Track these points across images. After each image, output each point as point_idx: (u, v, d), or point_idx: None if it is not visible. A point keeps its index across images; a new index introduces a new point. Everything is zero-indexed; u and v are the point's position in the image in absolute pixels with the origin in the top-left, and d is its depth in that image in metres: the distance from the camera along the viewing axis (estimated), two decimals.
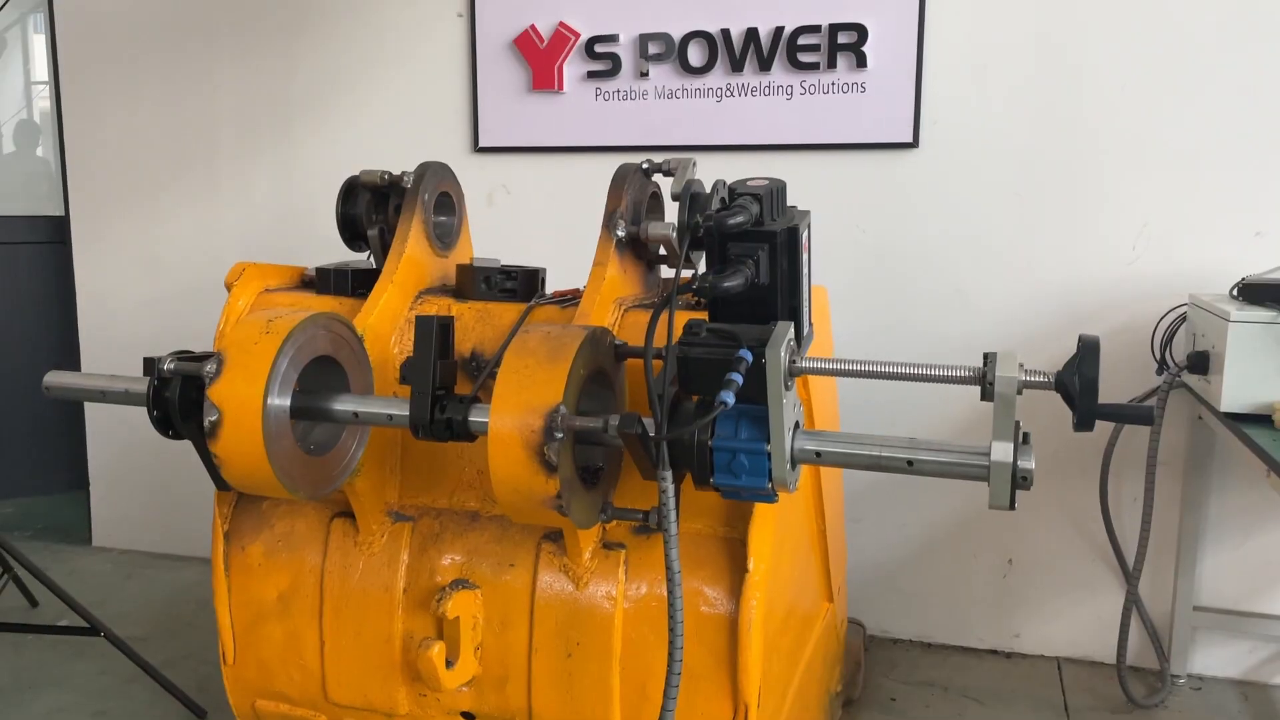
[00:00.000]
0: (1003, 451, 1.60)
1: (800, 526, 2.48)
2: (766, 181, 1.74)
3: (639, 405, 2.05)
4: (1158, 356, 3.11)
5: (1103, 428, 3.20)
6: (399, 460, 2.30)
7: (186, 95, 4.08)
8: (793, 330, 1.70)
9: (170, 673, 3.12)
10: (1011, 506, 1.65)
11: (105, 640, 3.02)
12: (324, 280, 2.43)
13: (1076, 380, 1.53)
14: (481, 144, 3.74)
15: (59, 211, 4.45)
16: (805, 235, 1.76)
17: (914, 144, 3.31)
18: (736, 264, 1.68)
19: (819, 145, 3.40)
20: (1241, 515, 3.22)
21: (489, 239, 3.78)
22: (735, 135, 3.45)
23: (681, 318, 1.84)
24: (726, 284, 1.64)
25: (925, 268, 3.37)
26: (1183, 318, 3.07)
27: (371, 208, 2.45)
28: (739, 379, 1.60)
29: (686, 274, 2.28)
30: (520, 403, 1.76)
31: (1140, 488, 3.20)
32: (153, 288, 4.19)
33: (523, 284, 2.35)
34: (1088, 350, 1.53)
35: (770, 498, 1.78)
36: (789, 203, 1.80)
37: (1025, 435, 1.64)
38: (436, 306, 2.35)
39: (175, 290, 4.14)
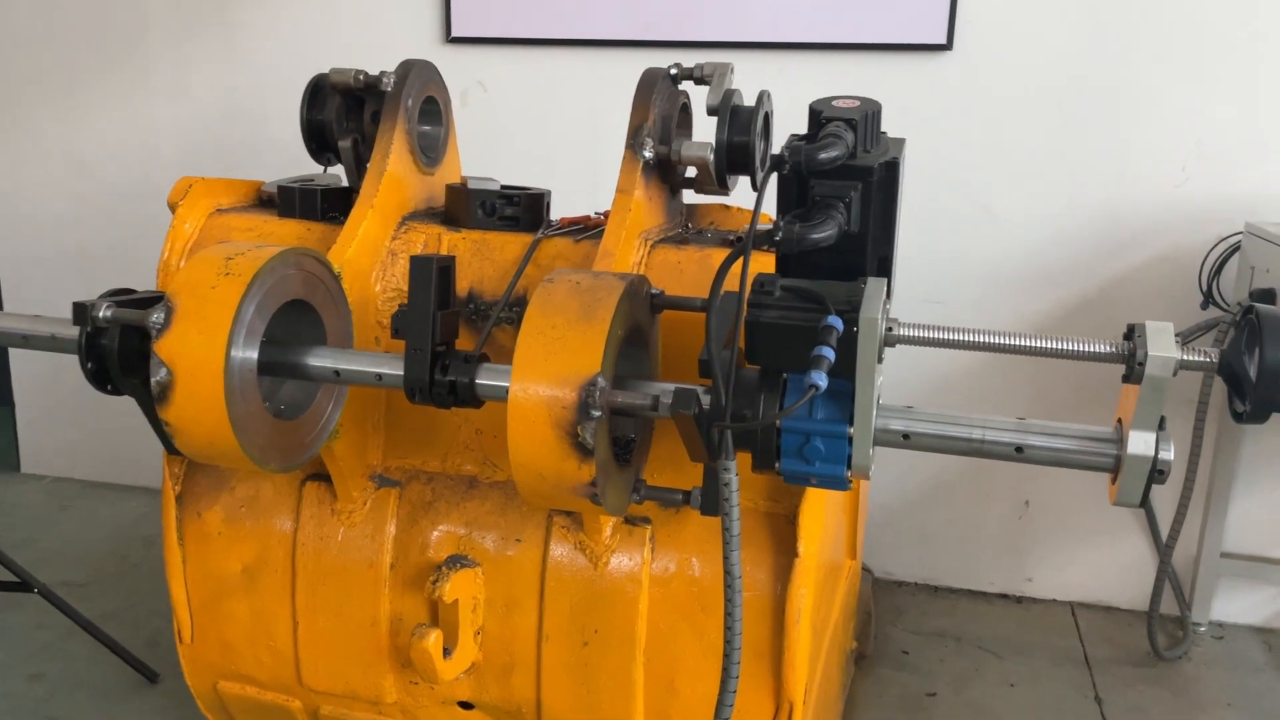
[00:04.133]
0: (1143, 443, 1.33)
1: None
2: (859, 102, 1.40)
3: (675, 365, 1.74)
4: (1204, 289, 2.86)
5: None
6: (382, 417, 1.98)
7: None
8: (886, 289, 1.39)
9: (116, 626, 2.81)
10: (1143, 504, 1.38)
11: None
12: (288, 201, 2.05)
13: (1252, 362, 1.24)
14: (455, 33, 3.30)
15: None
16: (903, 170, 1.43)
17: (947, 45, 2.96)
18: (825, 208, 1.35)
19: (839, 45, 3.03)
20: (1275, 461, 3.03)
21: (464, 146, 3.39)
22: (746, 31, 3.06)
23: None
24: (816, 235, 1.31)
25: (951, 184, 3.06)
26: (1235, 247, 2.81)
27: (344, 113, 2.06)
28: (831, 355, 1.29)
29: (751, 214, 1.95)
30: (549, 372, 1.44)
31: (1171, 428, 2.98)
32: (76, 190, 3.72)
33: (526, 210, 2.00)
34: (1270, 326, 1.23)
35: (844, 486, 1.49)
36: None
37: (1163, 420, 1.37)
38: (424, 236, 1.99)
39: (102, 194, 3.68)
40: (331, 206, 2.03)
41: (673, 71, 1.95)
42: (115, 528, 3.58)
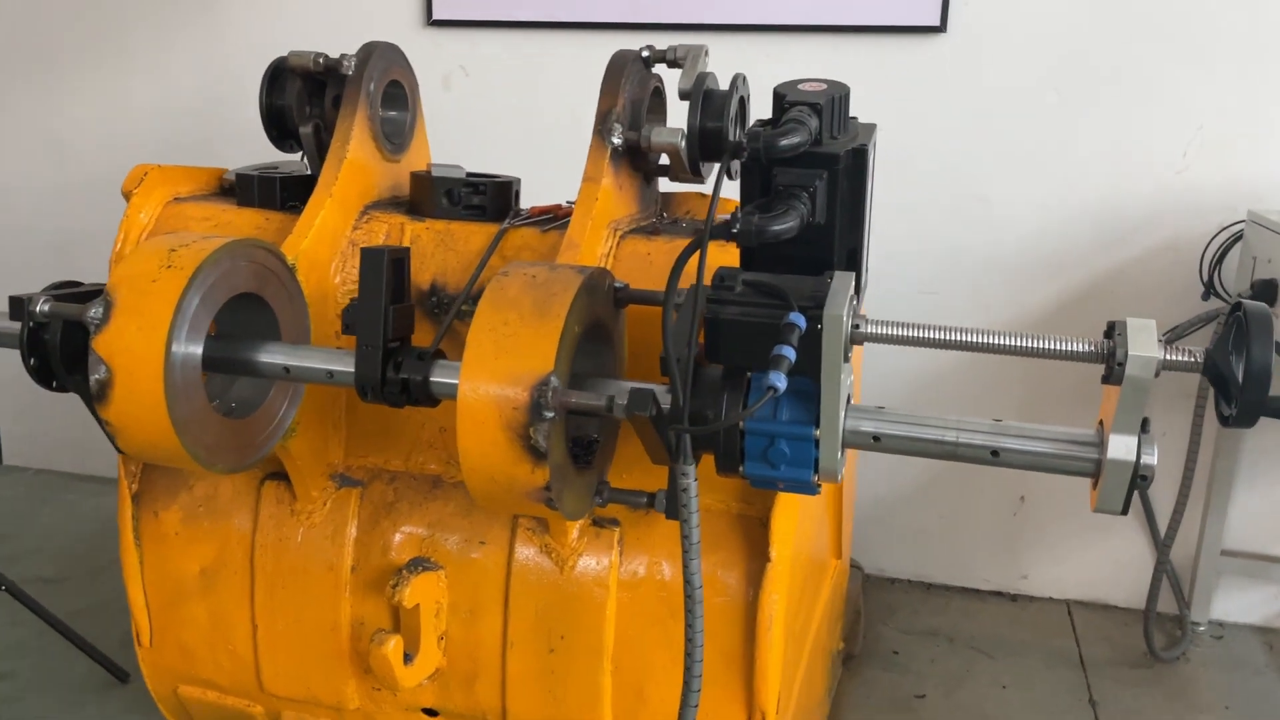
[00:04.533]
0: (1124, 447, 1.25)
1: None
2: (825, 85, 1.32)
3: (641, 362, 1.66)
4: (1205, 280, 2.77)
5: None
6: (344, 414, 1.91)
7: None
8: (853, 284, 1.31)
9: (89, 623, 2.75)
10: (1124, 512, 1.30)
11: None
12: (246, 189, 1.98)
13: (1239, 363, 1.16)
14: (436, 15, 3.22)
15: None
16: (872, 157, 1.35)
17: (940, 28, 2.87)
18: (787, 198, 1.27)
19: (830, 27, 2.94)
20: (1277, 456, 2.94)
21: (445, 132, 3.27)
22: (734, 13, 2.97)
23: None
24: (776, 226, 1.23)
25: (945, 171, 2.96)
26: (1237, 237, 2.72)
27: (304, 98, 1.98)
28: (791, 354, 1.22)
29: (707, 201, 1.87)
30: (499, 371, 1.36)
31: (1171, 422, 2.91)
32: (55, 173, 3.65)
33: (493, 199, 1.92)
34: (1256, 324, 1.15)
35: (812, 490, 1.42)
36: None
37: (1145, 422, 1.29)
38: (387, 225, 1.91)
39: (83, 178, 3.61)
40: (292, 195, 1.95)
41: (645, 54, 1.87)
42: (96, 522, 3.52)
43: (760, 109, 3.12)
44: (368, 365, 1.53)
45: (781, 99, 1.31)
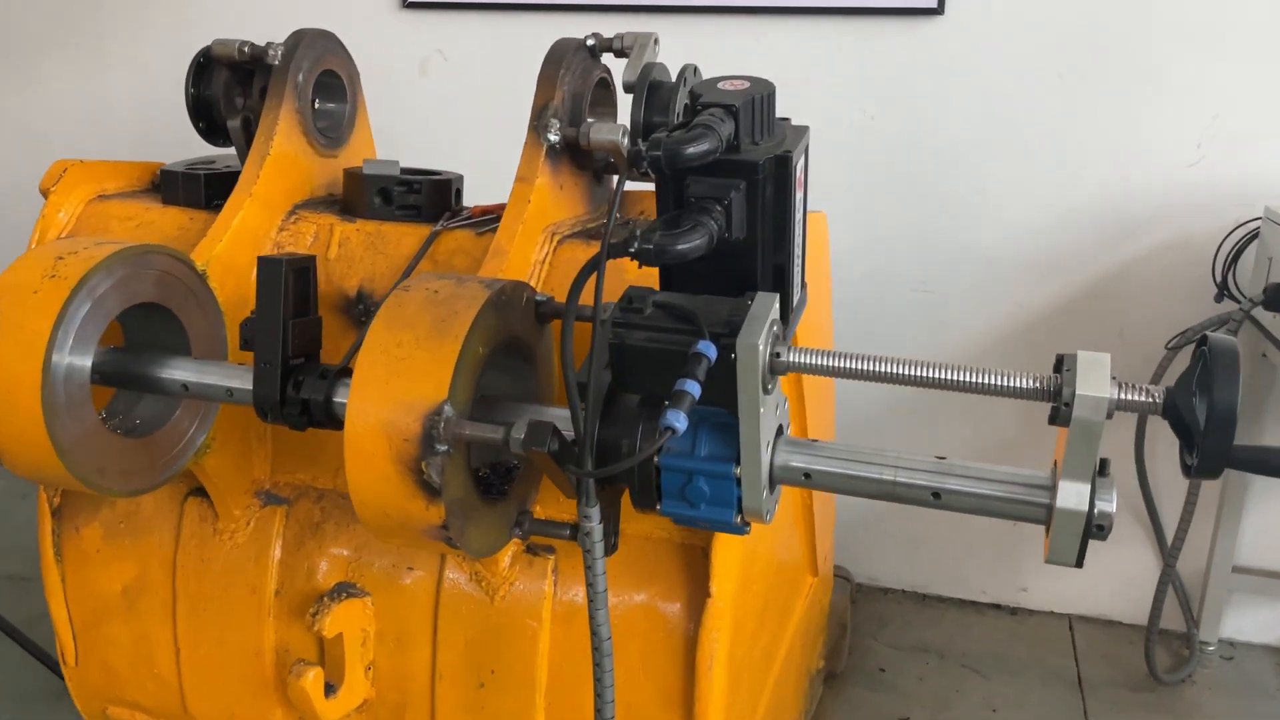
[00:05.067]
0: (1075, 496, 1.10)
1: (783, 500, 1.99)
2: (746, 84, 1.17)
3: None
4: (1218, 280, 2.58)
5: (1141, 347, 2.71)
6: (269, 427, 1.79)
7: None
8: (777, 307, 1.17)
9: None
10: (1079, 564, 1.16)
11: None
12: (170, 186, 1.87)
13: (1202, 405, 1.01)
14: None
15: None
16: (800, 164, 1.21)
17: (938, 9, 2.69)
18: (697, 211, 1.13)
19: (820, 9, 2.78)
20: None
21: (422, 120, 3.18)
22: None
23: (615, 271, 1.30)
24: (681, 246, 1.09)
25: (943, 163, 2.80)
26: (1253, 235, 2.53)
27: (232, 89, 1.86)
28: (695, 389, 1.08)
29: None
30: (389, 398, 1.24)
31: None
32: (34, 162, 3.55)
33: (429, 198, 1.79)
34: (1221, 362, 1.00)
35: (739, 530, 1.29)
36: (779, 112, 1.23)
37: (1103, 464, 1.14)
38: (315, 226, 1.79)
39: None
40: (218, 193, 1.83)
41: (590, 43, 1.73)
42: None
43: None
44: (266, 384, 1.42)
45: (696, 99, 1.16)
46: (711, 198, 1.14)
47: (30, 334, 1.36)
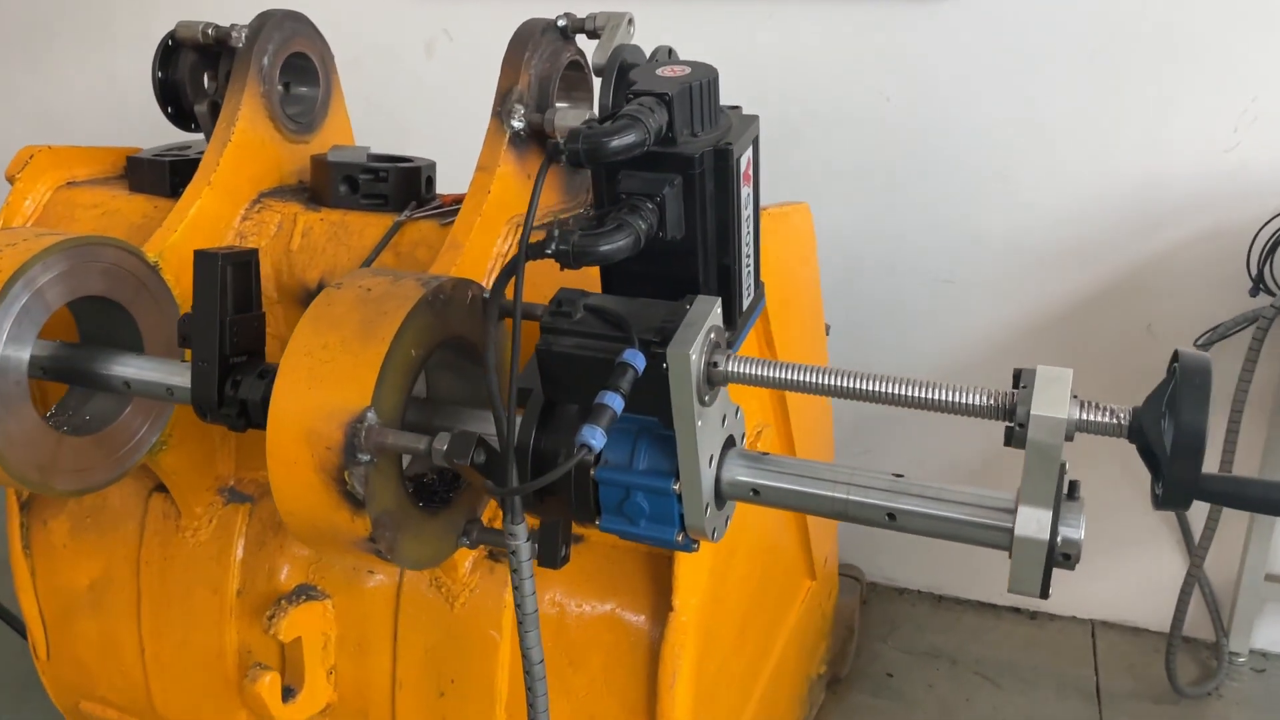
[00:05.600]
0: (1034, 522, 1.00)
1: None
2: (686, 70, 1.08)
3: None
4: (1254, 273, 2.43)
5: (1171, 342, 2.56)
6: None
7: None
8: (718, 310, 1.08)
9: None
10: (1044, 595, 1.06)
11: None
12: (137, 173, 1.82)
13: (1169, 428, 0.91)
14: None
15: None
16: (746, 157, 1.11)
17: None
18: (626, 210, 1.04)
19: None
20: None
21: (429, 101, 3.12)
22: None
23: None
24: (603, 247, 1.01)
25: (964, 149, 2.66)
26: None
27: (199, 73, 1.80)
28: (616, 402, 1.00)
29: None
30: (311, 404, 1.17)
31: (1214, 430, 2.58)
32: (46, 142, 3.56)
33: (396, 186, 1.72)
34: (1191, 380, 0.90)
35: (684, 548, 1.20)
36: (725, 101, 1.14)
37: (1073, 487, 1.04)
38: (280, 215, 1.73)
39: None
40: (184, 180, 1.78)
41: (561, 24, 1.64)
42: None
43: (766, 77, 2.83)
44: (203, 384, 1.36)
45: (628, 87, 1.07)
46: (643, 194, 1.05)
47: None
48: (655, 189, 1.05)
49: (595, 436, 0.97)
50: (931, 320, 2.80)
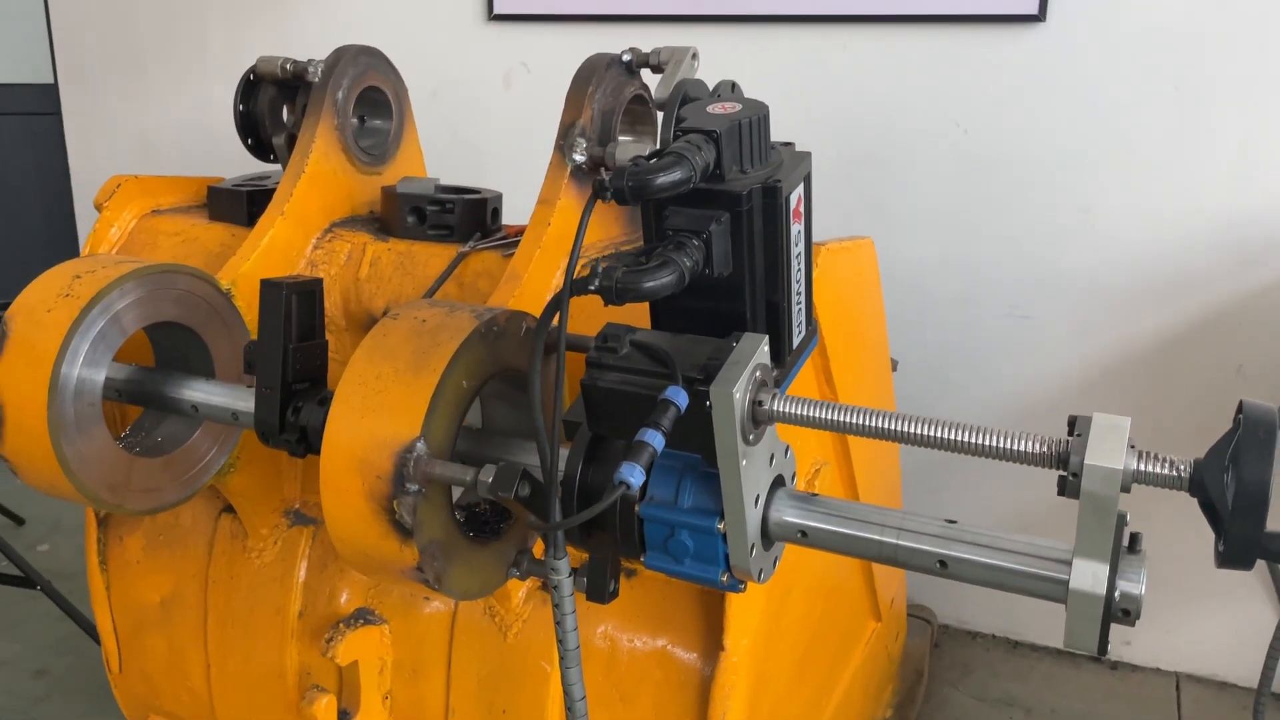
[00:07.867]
0: (1089, 576, 0.96)
1: None
2: (737, 107, 1.07)
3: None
4: None
5: (1263, 385, 2.47)
6: None
7: None
8: (765, 348, 1.06)
9: None
10: (1101, 652, 1.02)
11: None
12: (216, 202, 1.88)
13: (1231, 482, 0.86)
14: (497, 10, 3.06)
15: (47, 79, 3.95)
16: (797, 193, 1.10)
17: (1039, 16, 2.51)
18: (672, 246, 1.04)
19: (911, 16, 2.62)
20: None
21: (506, 133, 3.17)
22: (806, 3, 2.70)
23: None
24: (647, 284, 1.00)
25: (1042, 181, 2.61)
26: None
27: (278, 106, 1.86)
28: (657, 440, 0.99)
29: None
30: (364, 434, 1.19)
31: None
32: (143, 169, 3.70)
33: (462, 218, 1.75)
34: (1255, 432, 0.85)
35: (730, 588, 1.18)
36: (778, 138, 1.13)
37: (1134, 539, 1.00)
38: (350, 245, 1.77)
39: (168, 173, 3.66)
40: (259, 209, 1.83)
41: (626, 58, 1.66)
42: None
43: (838, 110, 2.81)
44: (266, 409, 1.39)
45: (679, 123, 1.07)
46: (690, 230, 1.04)
47: (40, 351, 1.37)
48: (702, 226, 1.04)
49: (634, 474, 0.97)
50: (1006, 357, 2.73)
